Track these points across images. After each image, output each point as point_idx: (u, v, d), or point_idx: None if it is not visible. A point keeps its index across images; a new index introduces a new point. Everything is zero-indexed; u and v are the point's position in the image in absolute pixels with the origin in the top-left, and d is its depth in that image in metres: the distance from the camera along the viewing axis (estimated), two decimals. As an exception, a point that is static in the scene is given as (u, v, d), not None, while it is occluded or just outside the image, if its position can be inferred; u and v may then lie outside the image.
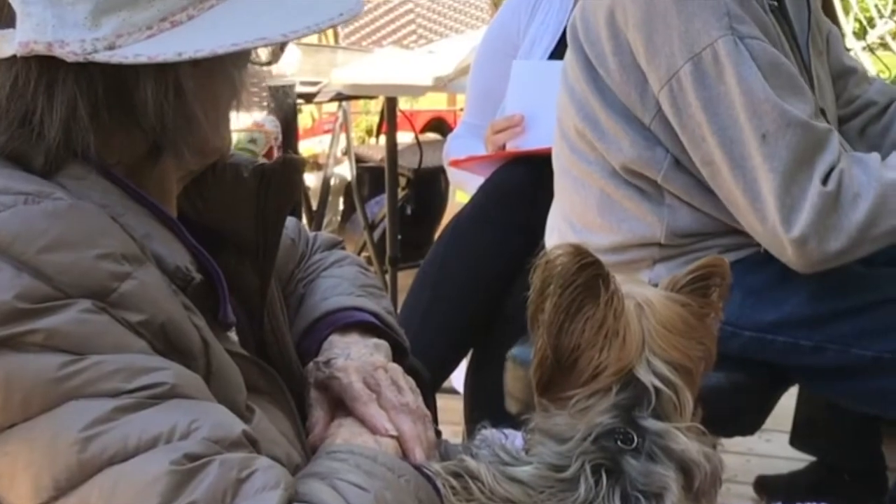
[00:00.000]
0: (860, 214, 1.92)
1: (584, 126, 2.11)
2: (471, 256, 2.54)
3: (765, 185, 1.93)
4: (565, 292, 1.35)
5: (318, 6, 1.29)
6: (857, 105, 2.37)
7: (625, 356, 1.36)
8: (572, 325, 1.36)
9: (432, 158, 4.35)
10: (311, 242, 1.71)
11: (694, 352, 1.41)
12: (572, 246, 1.38)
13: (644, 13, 2.01)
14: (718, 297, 1.47)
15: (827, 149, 1.95)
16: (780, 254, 1.97)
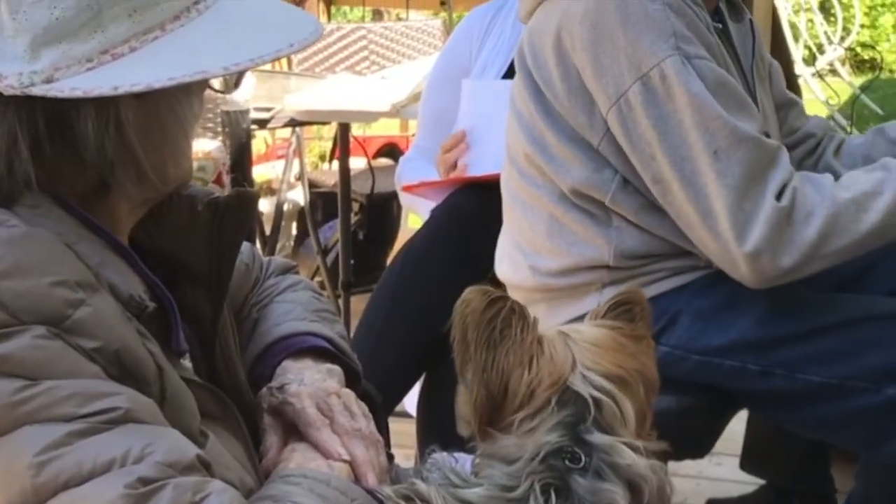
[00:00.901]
0: (813, 232, 1.93)
1: (532, 150, 2.12)
2: (423, 281, 2.55)
3: (717, 201, 1.94)
4: (482, 331, 1.40)
5: (265, 37, 1.30)
6: (798, 136, 2.41)
7: (556, 370, 1.39)
8: (496, 358, 1.39)
9: (385, 184, 4.37)
10: (265, 267, 1.72)
11: (629, 364, 1.43)
12: (478, 289, 1.42)
13: (590, 35, 2.02)
14: (645, 325, 1.49)
15: (779, 165, 1.97)
16: (733, 269, 1.98)
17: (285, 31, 1.31)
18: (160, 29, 1.26)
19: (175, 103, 1.31)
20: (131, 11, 1.24)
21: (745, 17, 2.30)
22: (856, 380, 2.01)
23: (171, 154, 1.33)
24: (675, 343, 2.08)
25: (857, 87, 8.04)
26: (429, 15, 7.36)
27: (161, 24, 1.26)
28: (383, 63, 5.03)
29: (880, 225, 1.94)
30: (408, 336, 2.53)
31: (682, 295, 2.09)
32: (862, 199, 1.95)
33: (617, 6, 1.99)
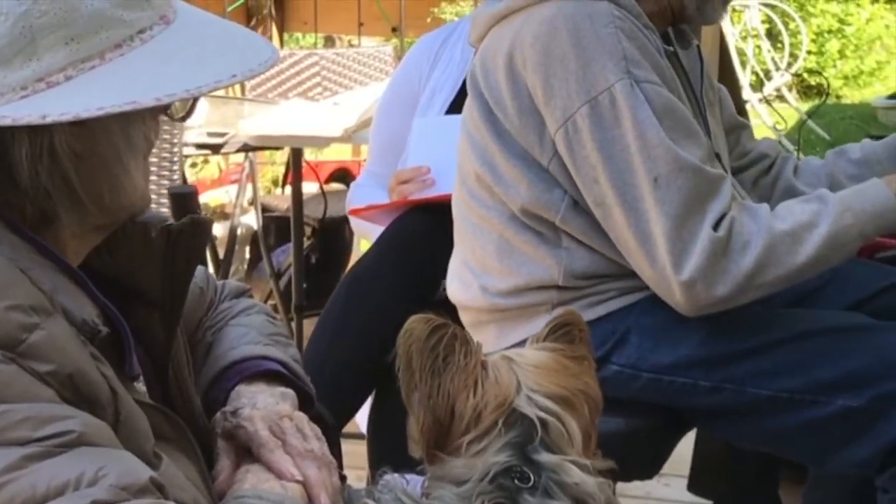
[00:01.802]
0: (748, 262, 1.95)
1: (483, 171, 2.14)
2: (371, 303, 2.55)
3: (656, 227, 1.96)
4: (426, 358, 1.42)
5: (209, 66, 1.30)
6: (751, 157, 2.43)
7: (502, 393, 1.41)
8: (442, 384, 1.41)
9: (337, 208, 4.39)
10: (219, 290, 1.73)
11: (573, 385, 1.45)
12: (420, 315, 1.44)
13: (542, 57, 2.03)
14: (584, 345, 1.51)
15: (718, 195, 1.98)
16: (667, 296, 2.00)
17: (232, 60, 1.32)
18: (99, 58, 1.26)
19: (112, 133, 1.31)
20: (68, 40, 1.24)
21: (692, 43, 2.33)
22: (805, 392, 2.04)
23: (109, 184, 1.33)
24: (625, 362, 2.10)
25: (804, 113, 8.13)
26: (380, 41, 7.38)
27: (101, 53, 1.26)
28: (335, 89, 5.05)
29: (815, 257, 1.97)
30: (356, 357, 2.53)
31: (632, 313, 2.11)
32: (798, 230, 1.97)
33: (569, 29, 2.01)
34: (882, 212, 2.01)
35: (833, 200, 2.01)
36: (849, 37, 12.57)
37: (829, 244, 1.98)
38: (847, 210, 1.99)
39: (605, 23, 2.01)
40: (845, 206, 2.00)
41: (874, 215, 2.00)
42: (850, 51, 12.61)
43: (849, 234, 1.99)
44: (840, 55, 12.51)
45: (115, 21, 1.27)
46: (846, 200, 2.01)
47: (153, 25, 1.31)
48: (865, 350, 2.05)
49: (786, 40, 10.23)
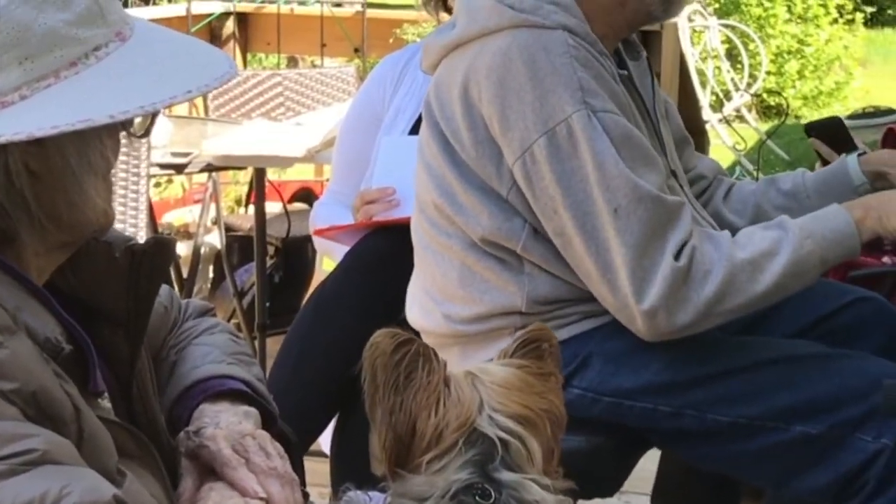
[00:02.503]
0: (709, 291, 1.97)
1: (441, 201, 2.13)
2: (335, 322, 2.56)
3: (617, 257, 1.97)
4: (390, 373, 1.43)
5: (164, 82, 1.31)
6: (690, 176, 2.43)
7: (463, 413, 1.42)
8: (404, 400, 1.43)
9: (300, 228, 4.39)
10: (183, 310, 1.73)
11: (536, 404, 1.46)
12: (386, 331, 1.45)
13: (498, 88, 2.03)
14: (553, 362, 1.53)
15: (678, 223, 1.99)
16: (629, 324, 2.01)
17: (188, 76, 1.32)
18: (54, 76, 1.27)
19: (69, 151, 1.31)
20: (22, 59, 1.25)
21: (641, 55, 2.33)
22: (764, 419, 2.06)
23: (67, 202, 1.34)
24: (586, 385, 2.10)
25: (764, 133, 8.18)
26: (343, 62, 7.39)
27: (56, 72, 1.27)
28: (298, 109, 5.06)
29: (775, 285, 1.99)
30: (320, 377, 2.54)
31: (594, 338, 2.12)
32: (759, 259, 1.99)
33: (524, 60, 2.01)
34: (842, 239, 2.03)
35: (793, 228, 2.02)
36: (808, 57, 12.62)
37: (790, 272, 1.99)
38: (808, 237, 2.01)
39: (560, 52, 2.02)
40: (806, 234, 2.01)
41: (834, 242, 2.02)
42: (810, 71, 12.66)
43: (809, 262, 2.01)
44: (799, 75, 12.56)
45: (69, 39, 1.28)
46: (807, 227, 2.02)
47: (109, 43, 1.32)
48: (824, 378, 2.07)
49: (745, 61, 10.29)
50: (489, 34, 2.07)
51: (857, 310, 2.35)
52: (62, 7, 1.28)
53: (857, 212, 2.06)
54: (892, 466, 2.00)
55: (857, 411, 2.02)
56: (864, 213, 2.06)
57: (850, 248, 2.05)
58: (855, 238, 2.04)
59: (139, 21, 1.39)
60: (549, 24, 2.04)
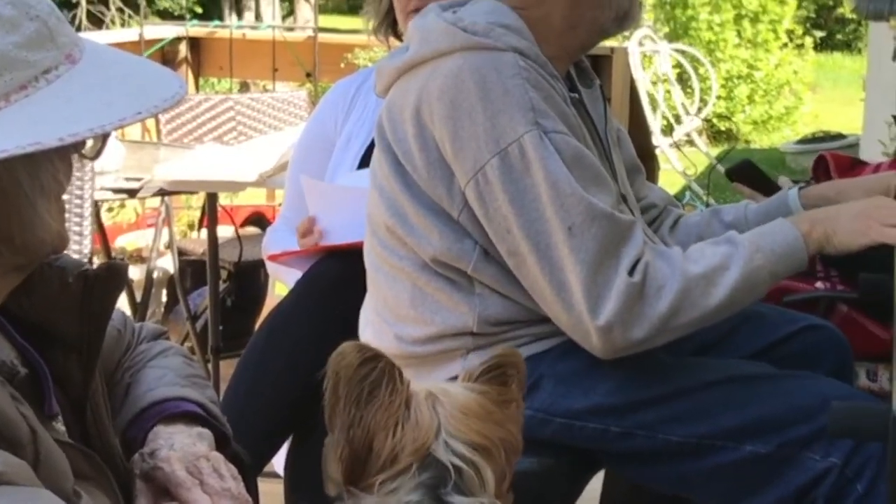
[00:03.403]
0: (664, 306, 1.97)
1: (393, 222, 2.13)
2: (289, 346, 2.56)
3: (571, 275, 1.97)
4: (352, 387, 1.44)
5: (114, 104, 1.31)
6: (643, 205, 2.44)
7: (420, 436, 1.43)
8: (363, 416, 1.44)
9: (252, 252, 4.41)
10: (136, 333, 1.74)
11: (494, 434, 1.47)
12: (355, 344, 1.46)
13: (450, 110, 2.03)
14: (517, 387, 1.54)
15: (631, 240, 2.00)
16: (585, 341, 2.01)
17: (138, 98, 1.33)
18: (4, 100, 1.27)
19: (20, 174, 1.31)
20: None
21: (594, 82, 2.34)
22: (714, 438, 2.06)
23: (19, 225, 1.34)
24: (538, 406, 2.10)
25: (714, 158, 8.26)
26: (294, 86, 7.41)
27: (5, 95, 1.27)
28: (250, 133, 5.06)
29: (728, 298, 2.00)
30: (275, 398, 2.54)
31: (545, 359, 2.12)
32: (711, 274, 2.00)
33: (476, 82, 2.02)
34: (791, 252, 2.05)
35: (743, 242, 2.04)
36: (758, 82, 12.74)
37: (742, 286, 2.01)
38: (757, 251, 2.03)
39: (512, 74, 2.02)
40: (755, 248, 2.03)
41: (783, 256, 2.04)
42: (759, 96, 12.78)
43: (760, 275, 2.03)
44: (749, 100, 12.67)
45: (18, 62, 1.28)
46: (755, 242, 2.04)
47: (59, 65, 1.32)
48: (772, 397, 2.08)
49: (696, 85, 10.37)
50: (441, 56, 2.08)
51: (808, 337, 2.37)
52: (11, 30, 1.29)
53: (805, 226, 2.08)
54: (841, 484, 2.02)
55: (805, 430, 2.04)
56: (810, 227, 2.08)
57: (799, 261, 2.07)
58: (803, 251, 2.06)
59: (89, 43, 1.40)
60: (500, 47, 2.05)
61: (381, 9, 2.89)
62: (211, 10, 17.66)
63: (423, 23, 2.15)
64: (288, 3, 18.97)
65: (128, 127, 1.38)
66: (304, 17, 14.93)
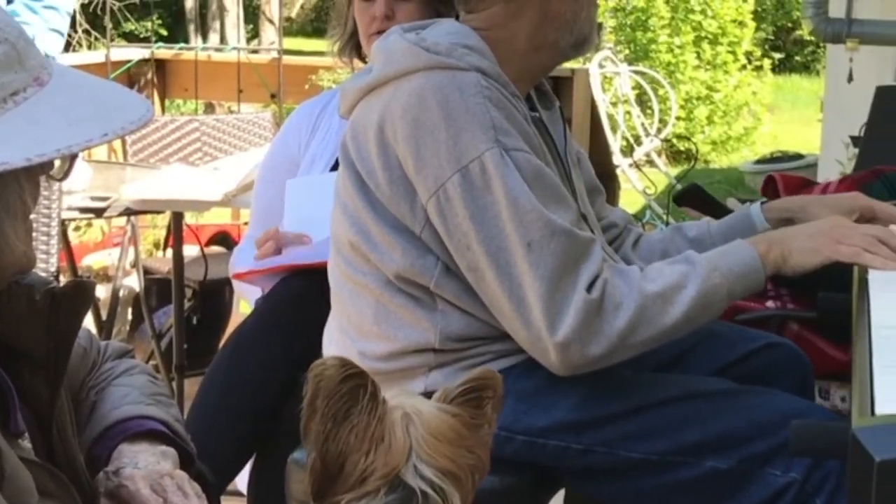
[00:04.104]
0: (621, 323, 1.98)
1: (357, 239, 2.15)
2: (254, 364, 2.57)
3: (530, 291, 1.98)
4: (331, 402, 1.44)
5: (81, 126, 1.33)
6: (603, 224, 2.45)
7: (391, 461, 1.44)
8: (339, 433, 1.44)
9: (217, 271, 4.42)
10: (102, 351, 1.75)
11: (463, 460, 1.49)
12: (338, 358, 1.47)
13: (412, 128, 2.04)
14: (492, 409, 1.55)
15: (590, 257, 2.01)
16: (543, 357, 2.02)
17: (105, 120, 1.34)
18: None
19: None
20: None
21: (554, 105, 2.35)
22: (674, 454, 2.07)
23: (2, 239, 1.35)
24: (500, 424, 2.02)
25: (673, 178, 8.29)
26: (259, 108, 7.43)
27: None
28: (215, 154, 5.06)
29: (685, 317, 2.01)
30: (239, 417, 2.55)
31: (507, 377, 2.03)
32: (668, 292, 2.01)
33: (438, 101, 2.04)
34: (748, 272, 2.06)
35: (701, 262, 2.05)
36: (717, 103, 12.79)
37: (698, 304, 2.02)
38: (714, 271, 2.04)
39: (474, 93, 2.04)
40: (712, 267, 2.04)
41: (740, 275, 2.05)
42: (718, 117, 12.83)
43: (717, 295, 2.04)
44: (708, 121, 12.72)
45: None
46: (713, 261, 2.06)
47: (27, 87, 1.33)
48: (732, 413, 2.09)
49: (655, 106, 10.40)
50: (404, 76, 2.10)
51: (769, 354, 2.39)
52: None
53: (762, 246, 2.09)
54: (801, 500, 2.03)
55: (766, 446, 2.05)
56: (767, 247, 2.09)
57: (756, 281, 2.08)
58: (760, 272, 2.07)
59: (58, 66, 1.41)
60: (462, 66, 2.07)
61: (346, 31, 2.91)
62: (176, 33, 17.65)
63: (387, 44, 2.17)
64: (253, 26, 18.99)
65: (95, 148, 1.39)
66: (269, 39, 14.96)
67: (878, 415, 1.41)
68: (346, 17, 2.90)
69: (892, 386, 1.51)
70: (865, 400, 1.47)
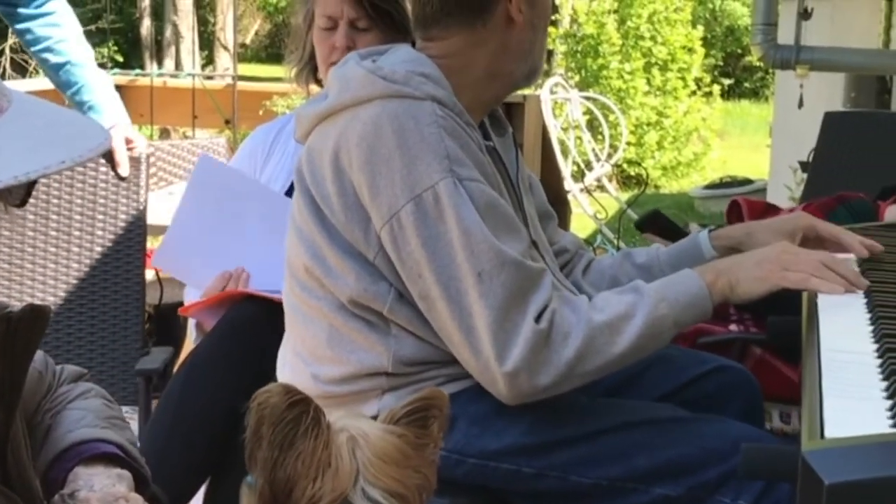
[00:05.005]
0: (569, 353, 1.99)
1: (312, 264, 2.15)
2: (207, 388, 2.58)
3: (480, 321, 1.99)
4: (276, 429, 1.45)
5: (39, 153, 1.33)
6: (555, 249, 2.46)
7: (339, 485, 1.45)
8: (286, 460, 1.45)
9: (172, 294, 4.40)
10: (57, 375, 1.75)
11: (410, 480, 1.50)
12: (281, 385, 1.48)
13: (368, 156, 2.06)
14: (438, 428, 1.56)
15: (540, 288, 2.03)
16: (491, 386, 2.03)
17: (63, 147, 1.34)
18: None
19: None
20: None
21: (507, 131, 2.37)
22: (625, 481, 2.09)
23: None
24: (451, 447, 2.10)
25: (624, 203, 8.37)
26: (214, 133, 7.44)
27: None
28: (170, 179, 5.05)
29: (632, 346, 2.03)
30: (193, 441, 2.56)
31: (459, 400, 2.08)
32: (616, 322, 2.02)
33: (394, 129, 2.05)
34: (695, 301, 2.08)
35: (648, 291, 2.07)
36: (667, 129, 12.91)
37: (646, 334, 2.03)
38: (662, 301, 2.05)
39: (429, 122, 2.06)
40: (660, 297, 2.06)
41: (687, 305, 2.07)
42: (668, 142, 12.95)
43: (664, 324, 2.05)
44: (658, 146, 12.83)
45: None
46: (660, 291, 2.07)
47: None
48: (683, 440, 2.11)
49: (606, 132, 10.49)
50: (361, 104, 2.11)
51: (718, 378, 2.40)
52: None
53: (709, 276, 2.11)
54: None
55: (715, 473, 2.07)
56: (715, 277, 2.11)
57: (703, 311, 2.09)
58: (707, 301, 2.09)
59: (17, 93, 1.41)
60: (418, 95, 2.08)
61: (304, 57, 2.92)
62: (132, 59, 17.65)
63: (343, 71, 2.19)
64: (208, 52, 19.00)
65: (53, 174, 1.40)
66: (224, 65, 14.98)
67: (827, 438, 1.43)
68: (304, 42, 2.91)
69: (842, 409, 1.53)
70: (815, 423, 1.48)
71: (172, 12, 18.27)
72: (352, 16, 2.78)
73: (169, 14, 18.60)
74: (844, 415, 1.51)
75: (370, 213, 2.08)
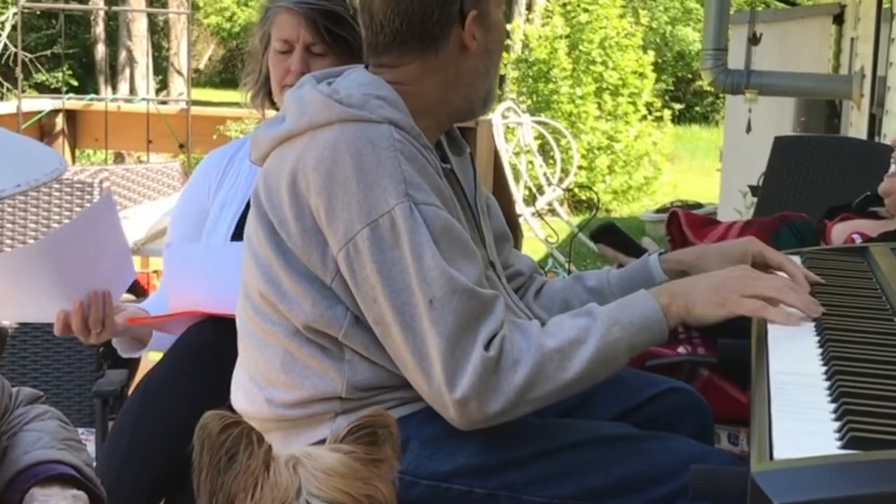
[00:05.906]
0: (519, 379, 2.00)
1: (267, 288, 2.15)
2: (163, 410, 2.57)
3: (432, 347, 2.00)
4: (214, 454, 1.49)
5: None
6: (509, 272, 2.48)
7: (279, 496, 1.48)
8: (225, 482, 1.48)
9: (125, 319, 4.40)
10: (13, 397, 1.76)
11: (358, 490, 1.51)
12: (216, 413, 1.51)
13: (325, 180, 2.06)
14: (391, 448, 1.59)
15: (491, 315, 2.03)
16: (443, 412, 2.04)
17: (18, 171, 1.35)
18: None
19: None
20: None
21: (464, 150, 2.38)
22: (577, 499, 2.10)
23: None
24: (404, 469, 2.04)
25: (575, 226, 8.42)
26: (168, 157, 7.44)
27: None
28: (125, 203, 5.05)
29: (584, 371, 2.04)
30: (149, 461, 2.56)
31: (411, 423, 2.13)
32: (567, 347, 2.03)
33: (351, 153, 2.06)
34: (649, 325, 2.08)
35: (601, 315, 2.07)
36: (618, 153, 12.98)
37: (598, 359, 2.04)
38: (615, 324, 2.06)
39: (386, 146, 2.06)
40: (613, 321, 2.06)
41: (641, 328, 2.08)
42: (619, 166, 13.02)
43: (617, 348, 2.06)
44: (609, 171, 12.89)
45: None
46: (614, 315, 2.08)
47: None
48: (634, 457, 2.12)
49: (557, 156, 10.53)
50: (318, 128, 2.11)
51: (669, 400, 2.41)
52: None
53: (664, 298, 2.11)
54: None
55: (666, 490, 2.08)
56: (670, 299, 2.11)
57: (658, 334, 2.10)
58: (663, 323, 2.09)
59: None
60: (375, 119, 2.09)
61: (259, 79, 2.93)
62: (87, 84, 17.59)
63: (300, 94, 2.19)
64: (162, 77, 18.97)
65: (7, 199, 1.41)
66: (178, 90, 14.97)
67: (776, 459, 1.45)
68: (260, 64, 2.92)
69: (791, 430, 1.55)
70: (764, 444, 1.51)
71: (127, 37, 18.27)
72: (308, 40, 2.79)
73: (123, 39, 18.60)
74: (793, 436, 1.53)
75: (327, 238, 2.09)
